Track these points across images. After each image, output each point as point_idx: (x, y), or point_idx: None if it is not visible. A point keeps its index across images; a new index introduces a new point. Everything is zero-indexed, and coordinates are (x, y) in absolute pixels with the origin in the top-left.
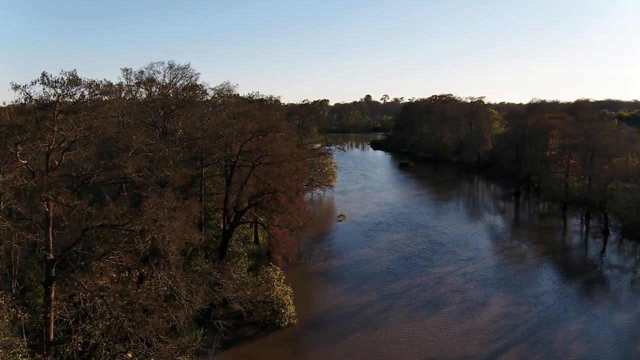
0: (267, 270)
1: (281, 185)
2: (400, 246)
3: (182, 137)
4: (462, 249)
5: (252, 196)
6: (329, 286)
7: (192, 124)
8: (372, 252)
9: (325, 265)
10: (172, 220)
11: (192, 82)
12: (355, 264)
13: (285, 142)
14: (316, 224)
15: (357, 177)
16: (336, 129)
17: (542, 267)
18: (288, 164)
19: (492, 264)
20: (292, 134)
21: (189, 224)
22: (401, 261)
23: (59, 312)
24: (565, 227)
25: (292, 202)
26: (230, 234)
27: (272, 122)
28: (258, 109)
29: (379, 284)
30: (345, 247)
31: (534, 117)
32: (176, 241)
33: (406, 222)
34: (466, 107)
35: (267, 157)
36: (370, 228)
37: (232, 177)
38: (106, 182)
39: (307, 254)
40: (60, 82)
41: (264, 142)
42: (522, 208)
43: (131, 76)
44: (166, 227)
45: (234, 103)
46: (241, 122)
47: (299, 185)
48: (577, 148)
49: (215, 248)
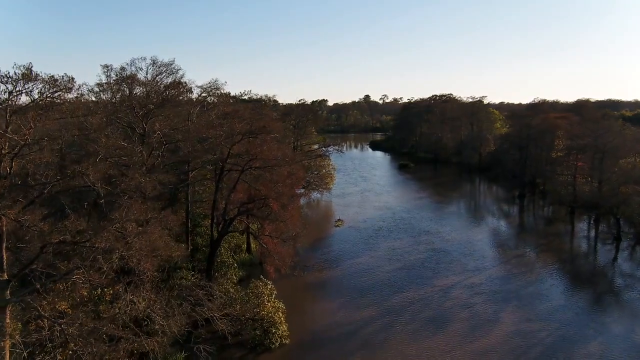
0: (257, 284)
1: (273, 192)
2: (402, 254)
3: (161, 140)
4: (467, 257)
5: (242, 203)
6: (325, 300)
7: (174, 125)
8: (372, 261)
9: (321, 277)
10: (143, 235)
11: (178, 79)
12: (353, 275)
13: (279, 144)
14: (313, 229)
15: (356, 180)
16: (335, 129)
17: (553, 278)
18: (280, 168)
19: (499, 274)
20: (287, 135)
21: (166, 238)
22: (403, 271)
23: (14, 340)
24: (573, 232)
25: (285, 210)
26: (218, 243)
27: (262, 122)
28: (250, 109)
29: (380, 298)
30: (343, 255)
31: (538, 117)
32: (150, 258)
33: (407, 228)
34: (467, 107)
35: (257, 160)
36: (370, 234)
37: (221, 182)
38: (67, 192)
39: (302, 264)
40: (11, 77)
41: (253, 144)
42: (527, 212)
43: (111, 73)
44: (136, 243)
45: (222, 102)
46: (229, 123)
47: (293, 191)
48: (585, 149)
49: (203, 258)
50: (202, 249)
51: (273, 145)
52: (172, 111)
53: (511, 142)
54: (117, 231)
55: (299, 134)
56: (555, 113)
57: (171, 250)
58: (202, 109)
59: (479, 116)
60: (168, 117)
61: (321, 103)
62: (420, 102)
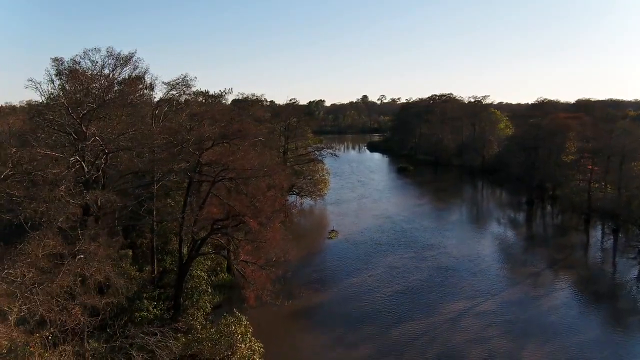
0: (229, 321)
1: (249, 208)
2: (403, 273)
3: (101, 147)
4: (475, 276)
5: (215, 220)
6: (312, 334)
7: (122, 129)
8: (369, 282)
9: (310, 302)
10: (39, 286)
11: (139, 74)
12: (348, 300)
13: (262, 151)
14: (303, 242)
15: (353, 184)
16: (332, 130)
17: (577, 302)
18: (260, 179)
19: (513, 298)
20: (274, 138)
21: (107, 268)
22: (404, 296)
23: None
24: (588, 244)
25: (265, 228)
26: (187, 266)
27: (240, 125)
28: (230, 109)
29: (378, 331)
30: (335, 275)
31: (547, 117)
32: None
33: (408, 241)
34: (468, 107)
35: (229, 171)
36: (367, 249)
37: (191, 196)
38: None
39: (287, 290)
40: None
41: (225, 151)
42: (538, 221)
43: (62, 67)
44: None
45: (191, 102)
46: (198, 127)
47: (275, 205)
48: (600, 152)
49: (171, 282)
50: (173, 270)
51: (250, 153)
52: (124, 112)
53: (516, 144)
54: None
55: (290, 137)
56: (564, 113)
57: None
58: (170, 110)
59: (481, 116)
60: (119, 120)
61: (318, 103)
62: (419, 102)
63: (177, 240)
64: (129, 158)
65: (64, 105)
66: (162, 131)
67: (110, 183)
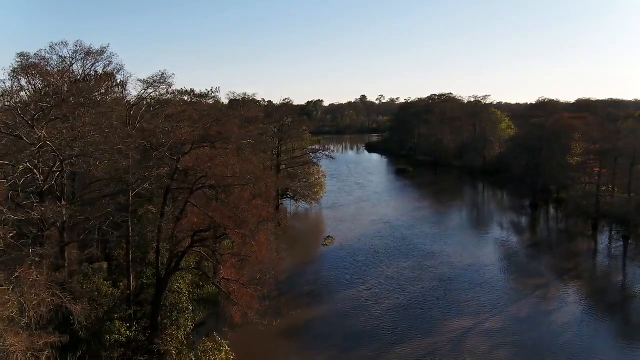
0: (207, 347)
1: (231, 220)
2: (403, 285)
3: (54, 153)
4: (479, 289)
5: (196, 231)
6: (302, 357)
7: (87, 132)
8: (366, 295)
9: (300, 321)
10: None
11: (114, 70)
12: (341, 317)
13: (251, 154)
14: (297, 249)
15: (351, 187)
16: (330, 130)
17: (590, 317)
18: (244, 187)
19: (523, 313)
20: (265, 140)
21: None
22: (404, 311)
23: None
24: (597, 251)
25: (249, 242)
26: (165, 282)
27: (221, 127)
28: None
29: (374, 353)
30: (330, 287)
31: (552, 117)
32: None
33: (408, 249)
34: (468, 107)
35: (208, 178)
36: (364, 258)
37: (168, 205)
38: None
39: (277, 304)
40: None
41: (203, 157)
42: (542, 225)
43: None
44: None
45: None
46: (176, 129)
47: (263, 215)
48: (609, 153)
49: (150, 299)
50: (153, 284)
51: (231, 158)
52: (89, 113)
53: (519, 145)
54: None
55: (284, 138)
56: (568, 113)
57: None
58: (147, 111)
59: (481, 117)
60: (82, 122)
61: (317, 104)
62: (418, 102)
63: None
64: (100, 165)
65: (13, 105)
66: (137, 134)
67: (80, 193)
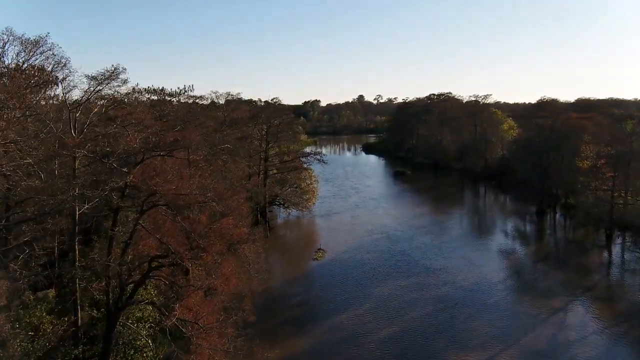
0: None
1: (191, 244)
2: (401, 309)
3: None
4: (488, 312)
5: (153, 257)
6: None
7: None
8: (359, 322)
9: (280, 355)
10: None
11: (54, 63)
12: (329, 350)
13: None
14: (284, 263)
15: (347, 192)
16: (327, 130)
17: (622, 352)
18: (204, 207)
19: (541, 344)
20: (247, 145)
21: None
22: (403, 343)
23: None
24: (612, 263)
25: (213, 270)
26: (117, 317)
27: (177, 133)
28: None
29: None
30: (317, 311)
31: (559, 118)
32: None
33: (407, 265)
34: (468, 107)
35: (158, 196)
36: (358, 274)
37: (116, 228)
38: None
39: (250, 338)
40: None
41: (150, 170)
42: (551, 235)
43: None
44: None
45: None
46: (122, 136)
47: (235, 236)
48: (623, 157)
49: (101, 334)
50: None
51: (184, 172)
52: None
53: (523, 147)
54: None
55: (272, 141)
56: (575, 113)
57: None
58: (97, 113)
59: (482, 117)
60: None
61: (314, 104)
62: (417, 102)
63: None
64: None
65: None
66: (82, 142)
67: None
